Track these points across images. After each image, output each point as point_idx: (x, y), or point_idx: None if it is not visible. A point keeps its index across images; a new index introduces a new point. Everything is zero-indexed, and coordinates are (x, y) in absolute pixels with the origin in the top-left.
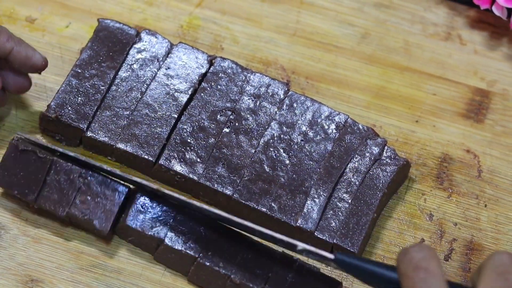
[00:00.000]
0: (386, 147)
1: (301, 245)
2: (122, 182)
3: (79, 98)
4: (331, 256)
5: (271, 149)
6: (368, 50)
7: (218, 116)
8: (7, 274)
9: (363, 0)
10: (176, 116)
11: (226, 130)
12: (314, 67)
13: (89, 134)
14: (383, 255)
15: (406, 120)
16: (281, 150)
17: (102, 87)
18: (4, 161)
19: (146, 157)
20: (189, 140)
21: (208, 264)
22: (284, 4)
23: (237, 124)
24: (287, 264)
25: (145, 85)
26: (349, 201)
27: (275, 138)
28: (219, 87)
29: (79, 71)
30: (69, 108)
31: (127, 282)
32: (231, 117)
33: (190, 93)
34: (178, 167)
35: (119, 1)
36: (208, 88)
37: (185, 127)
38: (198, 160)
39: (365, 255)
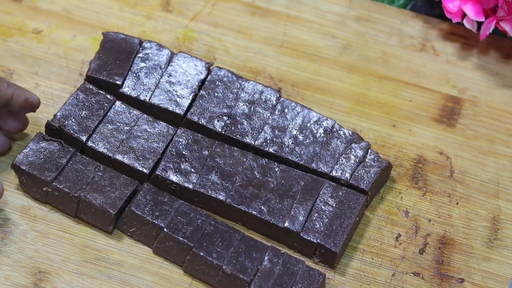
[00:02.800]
0: (369, 150)
1: None
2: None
3: (84, 112)
4: None
5: (261, 155)
6: (349, 60)
7: (216, 121)
8: (17, 266)
9: (344, 14)
10: (173, 132)
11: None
12: (300, 75)
13: (89, 144)
14: (363, 249)
15: (384, 124)
16: (271, 157)
17: (106, 104)
18: (28, 148)
19: (140, 169)
20: (184, 152)
21: (202, 254)
22: (272, 18)
23: (233, 128)
24: (275, 257)
25: (149, 92)
26: (334, 205)
27: (268, 141)
28: (216, 94)
29: (87, 86)
30: (73, 120)
31: (128, 274)
32: (227, 121)
33: (191, 98)
34: (173, 177)
35: (120, 15)
36: (206, 96)
37: (180, 140)
38: (193, 170)
39: (347, 250)
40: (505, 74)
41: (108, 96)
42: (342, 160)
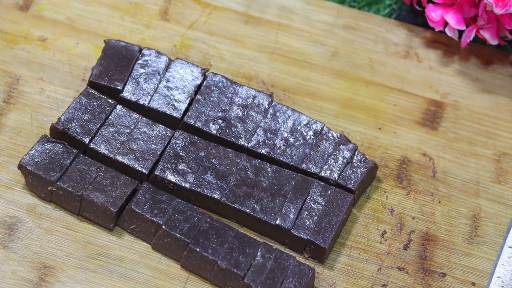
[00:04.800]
0: (356, 152)
1: None
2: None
3: (86, 115)
4: None
5: (254, 156)
6: (337, 66)
7: (211, 124)
8: (24, 261)
9: (333, 23)
10: (171, 134)
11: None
12: (291, 81)
13: (91, 145)
14: (351, 245)
15: (370, 127)
16: (264, 158)
17: (108, 107)
18: (34, 149)
19: (140, 169)
20: (181, 153)
21: (198, 250)
22: (265, 26)
23: (227, 130)
24: (267, 253)
25: (148, 96)
26: (323, 203)
27: (260, 143)
28: (211, 98)
29: (89, 91)
30: (76, 123)
31: (128, 269)
32: (222, 124)
33: (188, 102)
34: (171, 177)
35: (121, 24)
36: (202, 100)
37: (177, 142)
38: (189, 170)
39: (335, 246)
40: (484, 80)
41: (109, 101)
42: (330, 161)
